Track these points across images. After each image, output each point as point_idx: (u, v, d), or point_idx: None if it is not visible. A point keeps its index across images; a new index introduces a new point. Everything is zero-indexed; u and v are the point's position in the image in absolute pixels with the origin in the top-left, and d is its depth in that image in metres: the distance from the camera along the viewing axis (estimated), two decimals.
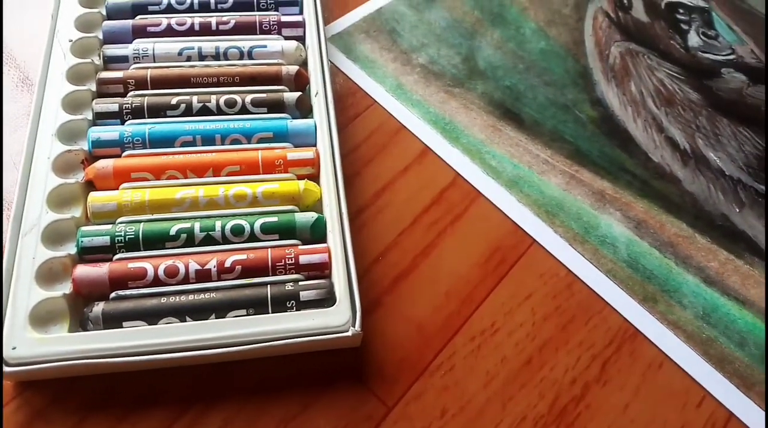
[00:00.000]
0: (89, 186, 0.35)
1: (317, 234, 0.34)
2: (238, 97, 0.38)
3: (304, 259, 0.32)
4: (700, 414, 0.32)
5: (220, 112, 0.38)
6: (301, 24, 0.42)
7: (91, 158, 0.36)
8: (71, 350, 0.29)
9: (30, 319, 0.29)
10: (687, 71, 0.47)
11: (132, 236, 0.32)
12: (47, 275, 0.31)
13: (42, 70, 0.38)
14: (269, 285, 0.31)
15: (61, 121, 0.36)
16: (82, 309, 0.30)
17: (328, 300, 0.31)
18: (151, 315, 0.30)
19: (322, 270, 0.32)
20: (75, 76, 0.38)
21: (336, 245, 0.33)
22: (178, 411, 0.30)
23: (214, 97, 0.38)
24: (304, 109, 0.39)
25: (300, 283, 0.31)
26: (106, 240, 0.32)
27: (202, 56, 0.40)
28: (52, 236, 0.32)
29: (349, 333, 0.30)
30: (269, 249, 0.32)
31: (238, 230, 0.33)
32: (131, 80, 0.38)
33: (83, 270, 0.31)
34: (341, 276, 0.32)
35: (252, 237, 0.33)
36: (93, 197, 0.33)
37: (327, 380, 0.31)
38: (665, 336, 0.35)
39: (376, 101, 0.43)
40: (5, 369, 0.28)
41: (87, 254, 0.32)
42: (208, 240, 0.33)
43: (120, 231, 0.32)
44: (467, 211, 0.38)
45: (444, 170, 0.40)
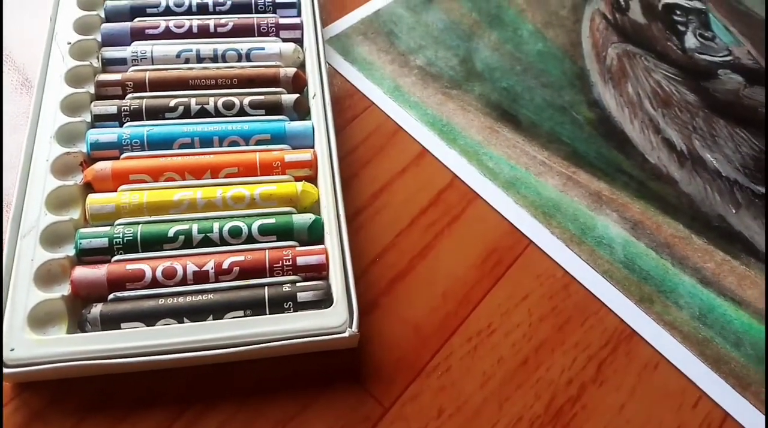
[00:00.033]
0: (88, 188, 0.35)
1: (315, 235, 0.34)
2: (236, 99, 0.38)
3: (301, 261, 0.32)
4: (695, 414, 0.33)
5: (218, 114, 0.38)
6: (299, 26, 0.42)
7: (90, 160, 0.36)
8: (69, 351, 0.29)
9: (28, 321, 0.30)
10: (684, 72, 0.47)
11: (130, 238, 0.32)
12: (46, 277, 0.31)
13: (41, 72, 0.38)
14: (267, 287, 0.31)
15: (60, 124, 0.36)
16: (80, 311, 0.31)
17: (325, 301, 0.31)
18: (149, 317, 0.30)
19: (319, 271, 0.32)
20: (73, 78, 0.38)
21: (333, 246, 0.33)
22: (176, 412, 0.30)
23: (212, 99, 0.38)
24: (301, 111, 0.39)
25: (297, 284, 0.32)
26: (104, 241, 0.32)
27: (200, 58, 0.40)
28: (50, 238, 0.32)
29: (346, 334, 0.30)
30: (267, 251, 0.32)
31: (235, 232, 0.33)
32: (129, 82, 0.38)
33: (82, 271, 0.31)
34: (338, 277, 0.32)
35: (250, 239, 0.33)
36: (91, 199, 0.34)
37: (324, 381, 0.31)
38: (661, 336, 0.35)
39: (373, 103, 0.43)
40: (3, 371, 0.28)
41: (85, 256, 0.32)
42: (205, 241, 0.33)
43: (118, 233, 0.32)
44: (464, 213, 0.38)
45: (441, 172, 0.40)
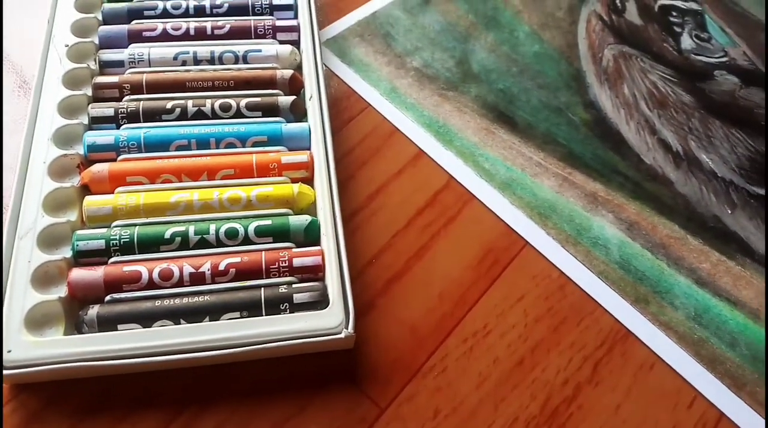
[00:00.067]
0: (85, 190, 0.35)
1: (311, 237, 0.34)
2: (232, 101, 0.38)
3: (297, 262, 0.32)
4: (691, 414, 0.33)
5: (215, 115, 0.38)
6: (296, 28, 0.43)
7: (87, 162, 0.36)
8: (66, 353, 0.29)
9: (25, 322, 0.30)
10: (680, 73, 0.47)
11: (127, 240, 0.32)
12: (43, 278, 0.31)
13: (38, 74, 0.38)
14: (263, 288, 0.32)
15: (57, 126, 0.36)
16: (77, 312, 0.31)
17: (321, 302, 0.31)
18: (146, 318, 0.30)
19: (315, 272, 0.33)
20: (71, 80, 0.38)
21: (329, 248, 0.33)
22: (172, 414, 0.30)
23: (209, 101, 0.38)
24: (298, 113, 0.39)
25: (293, 286, 0.32)
26: (101, 243, 0.32)
27: (197, 60, 0.40)
28: (47, 240, 0.32)
29: (342, 336, 0.30)
30: (263, 252, 0.33)
31: (232, 233, 0.33)
32: (127, 85, 0.38)
33: (78, 273, 0.31)
34: (334, 278, 0.32)
35: (246, 240, 0.33)
36: (88, 201, 0.34)
37: (320, 382, 0.32)
38: (657, 337, 0.35)
39: (370, 104, 0.43)
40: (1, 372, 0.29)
41: (82, 257, 0.32)
42: (202, 243, 0.33)
43: (115, 235, 0.32)
44: (460, 214, 0.39)
45: (437, 173, 0.40)
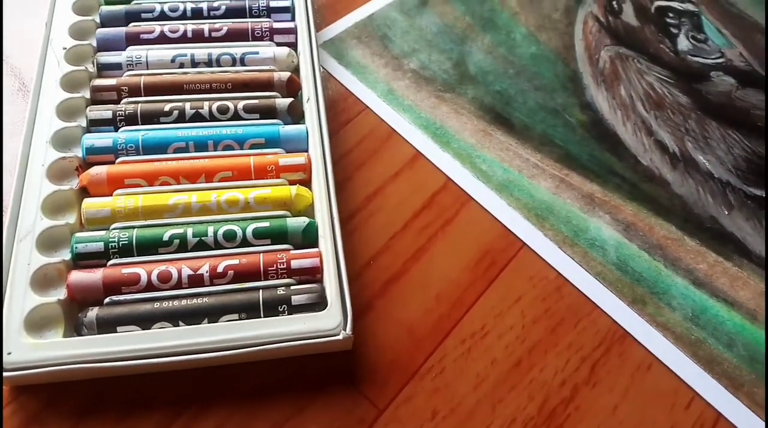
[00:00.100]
0: (83, 192, 0.35)
1: (309, 238, 0.34)
2: (230, 104, 0.38)
3: (295, 264, 0.33)
4: (688, 415, 0.33)
5: (212, 118, 0.38)
6: (293, 30, 0.43)
7: (85, 165, 0.36)
8: (66, 355, 0.29)
9: (25, 324, 0.30)
10: (676, 75, 0.48)
11: (125, 242, 0.32)
12: (42, 281, 0.31)
13: (36, 77, 0.38)
14: (261, 290, 0.32)
15: (56, 128, 0.36)
16: (76, 315, 0.31)
17: (319, 304, 0.31)
18: (145, 320, 0.30)
19: (313, 274, 0.33)
20: (69, 83, 0.39)
21: (327, 249, 0.33)
22: (171, 415, 0.30)
23: (206, 104, 0.38)
24: (295, 115, 0.39)
25: (291, 287, 0.32)
26: (100, 246, 0.32)
27: (194, 63, 0.40)
28: (46, 242, 0.33)
29: (340, 337, 0.30)
30: (261, 254, 0.33)
31: (230, 235, 0.33)
32: (125, 87, 0.38)
33: (77, 275, 0.31)
34: (332, 280, 0.32)
35: (244, 243, 0.33)
36: (87, 203, 0.34)
37: (319, 383, 0.32)
38: (654, 337, 0.35)
39: (367, 106, 0.43)
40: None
41: (81, 260, 0.32)
42: (200, 245, 0.33)
43: (114, 237, 0.32)
44: (458, 215, 0.39)
45: (435, 174, 0.40)
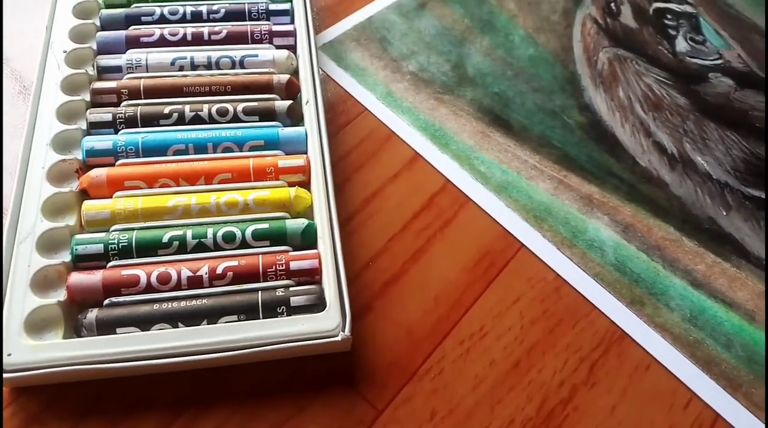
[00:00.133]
0: (83, 194, 0.35)
1: (308, 240, 0.34)
2: (229, 106, 0.38)
3: (294, 265, 0.33)
4: (687, 415, 0.33)
5: (212, 120, 0.38)
6: (292, 33, 0.43)
7: (85, 167, 0.36)
8: (66, 356, 0.29)
9: (25, 326, 0.30)
10: (675, 76, 0.48)
11: (125, 244, 0.33)
12: (42, 282, 0.32)
13: (37, 80, 0.39)
14: (260, 291, 0.32)
15: (56, 131, 0.36)
16: (76, 316, 0.31)
17: (318, 305, 0.32)
18: (144, 322, 0.31)
19: (312, 275, 0.33)
20: (69, 86, 0.39)
21: (326, 251, 0.33)
22: (171, 416, 0.30)
23: (206, 106, 0.38)
24: (295, 117, 0.39)
25: (290, 289, 0.32)
26: (99, 247, 0.32)
27: (194, 66, 0.40)
28: (46, 244, 0.33)
29: (339, 338, 0.30)
30: (260, 256, 0.33)
31: (229, 237, 0.33)
32: (124, 90, 0.39)
33: (77, 277, 0.32)
34: (331, 281, 0.32)
35: (243, 244, 0.33)
36: (87, 205, 0.34)
37: (318, 385, 0.32)
38: (652, 338, 0.35)
39: (366, 109, 0.43)
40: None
41: (81, 262, 0.32)
42: (200, 247, 0.33)
43: (113, 239, 0.33)
44: (456, 217, 0.39)
45: (433, 176, 0.40)
